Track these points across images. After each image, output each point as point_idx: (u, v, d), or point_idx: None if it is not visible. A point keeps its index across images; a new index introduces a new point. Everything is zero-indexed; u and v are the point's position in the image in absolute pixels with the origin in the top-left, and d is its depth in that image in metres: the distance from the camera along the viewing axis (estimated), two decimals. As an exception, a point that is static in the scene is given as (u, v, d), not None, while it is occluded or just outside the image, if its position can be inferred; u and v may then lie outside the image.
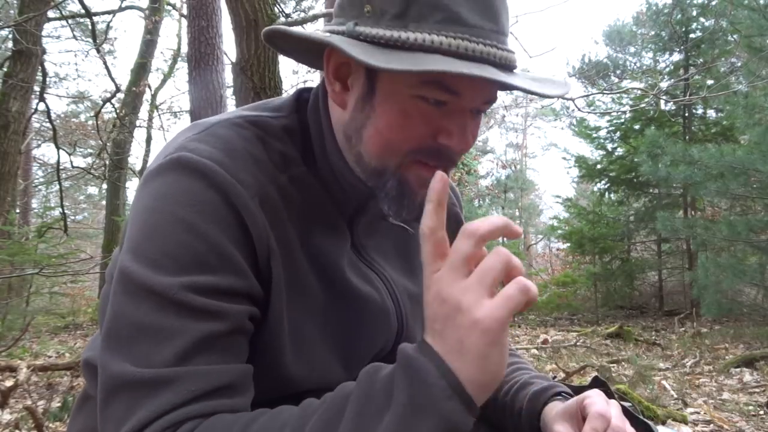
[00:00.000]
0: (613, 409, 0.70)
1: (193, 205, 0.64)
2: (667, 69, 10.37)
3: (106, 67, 8.72)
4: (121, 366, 0.59)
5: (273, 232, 0.68)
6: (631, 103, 9.32)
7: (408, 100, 0.68)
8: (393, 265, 0.86)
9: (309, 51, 0.79)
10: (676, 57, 10.16)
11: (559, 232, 11.11)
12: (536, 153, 27.74)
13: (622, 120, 10.13)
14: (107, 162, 10.45)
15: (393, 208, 0.74)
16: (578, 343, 5.97)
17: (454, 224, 0.98)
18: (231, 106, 5.32)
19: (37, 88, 7.72)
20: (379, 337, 0.81)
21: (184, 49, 10.39)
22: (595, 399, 0.72)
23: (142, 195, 0.68)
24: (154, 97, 13.21)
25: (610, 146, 10.70)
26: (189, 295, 0.61)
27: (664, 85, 9.50)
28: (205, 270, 0.62)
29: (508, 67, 0.68)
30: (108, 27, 10.96)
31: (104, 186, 13.33)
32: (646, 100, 7.72)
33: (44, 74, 8.09)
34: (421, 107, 0.68)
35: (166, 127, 14.01)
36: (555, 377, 3.65)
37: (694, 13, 9.56)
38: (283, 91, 4.33)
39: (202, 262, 0.62)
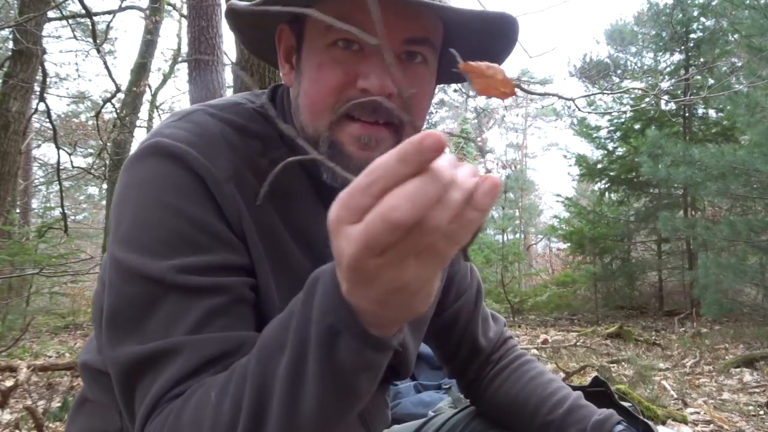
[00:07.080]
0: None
1: (173, 188, 0.65)
2: (668, 69, 10.35)
3: (107, 67, 8.71)
4: (132, 348, 0.60)
5: (249, 214, 0.69)
6: (631, 102, 9.30)
7: (323, 51, 0.68)
8: None
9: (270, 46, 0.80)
10: (677, 57, 10.15)
11: (560, 232, 11.10)
12: (536, 153, 27.74)
13: (623, 120, 10.13)
14: (107, 162, 10.43)
15: (330, 173, 0.71)
16: (578, 343, 5.96)
17: None
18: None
19: (37, 88, 7.71)
20: None
21: (184, 49, 10.39)
22: None
23: (123, 182, 0.69)
24: (154, 97, 13.19)
25: (610, 146, 10.70)
26: (186, 277, 0.62)
27: (664, 85, 9.49)
28: (197, 250, 0.63)
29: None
30: (108, 27, 10.94)
31: (104, 186, 13.31)
32: (647, 100, 7.71)
33: (44, 74, 8.08)
34: (335, 54, 0.68)
35: (167, 127, 13.99)
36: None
37: (695, 13, 9.54)
38: (283, 91, 4.32)
39: (193, 243, 0.64)
